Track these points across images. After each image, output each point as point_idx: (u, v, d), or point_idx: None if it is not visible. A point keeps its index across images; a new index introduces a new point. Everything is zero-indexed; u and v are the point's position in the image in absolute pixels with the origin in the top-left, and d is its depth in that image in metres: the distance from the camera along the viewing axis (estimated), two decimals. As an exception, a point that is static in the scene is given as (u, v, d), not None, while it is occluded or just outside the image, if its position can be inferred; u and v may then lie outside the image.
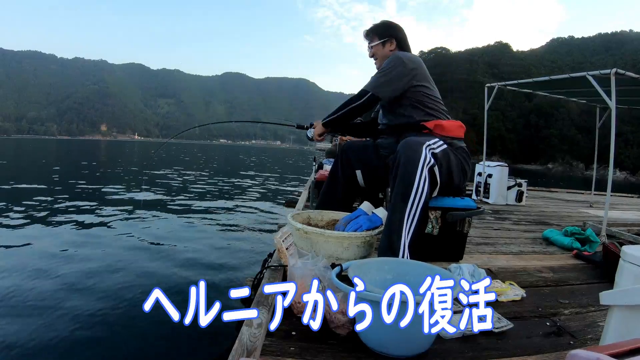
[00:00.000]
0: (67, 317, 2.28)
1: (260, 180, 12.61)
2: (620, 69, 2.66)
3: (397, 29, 1.81)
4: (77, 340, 2.05)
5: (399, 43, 1.80)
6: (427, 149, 1.44)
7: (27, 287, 2.68)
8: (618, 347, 0.44)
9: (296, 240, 1.44)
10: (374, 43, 1.82)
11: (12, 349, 1.91)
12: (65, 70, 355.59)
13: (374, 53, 1.83)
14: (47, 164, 16.02)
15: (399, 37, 1.81)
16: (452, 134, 1.64)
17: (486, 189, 4.63)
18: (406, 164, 1.41)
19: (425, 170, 1.42)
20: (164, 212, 6.00)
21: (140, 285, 2.83)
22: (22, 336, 2.03)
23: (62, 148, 36.35)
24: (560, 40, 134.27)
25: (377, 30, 1.82)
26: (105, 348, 2.02)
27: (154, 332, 2.16)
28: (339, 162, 1.92)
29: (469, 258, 1.85)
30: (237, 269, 3.36)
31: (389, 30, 1.81)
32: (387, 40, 1.80)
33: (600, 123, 4.75)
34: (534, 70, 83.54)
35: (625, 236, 2.65)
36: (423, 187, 1.41)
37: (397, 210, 1.41)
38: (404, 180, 1.41)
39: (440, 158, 1.49)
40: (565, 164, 68.38)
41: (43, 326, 2.15)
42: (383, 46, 1.80)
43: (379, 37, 1.81)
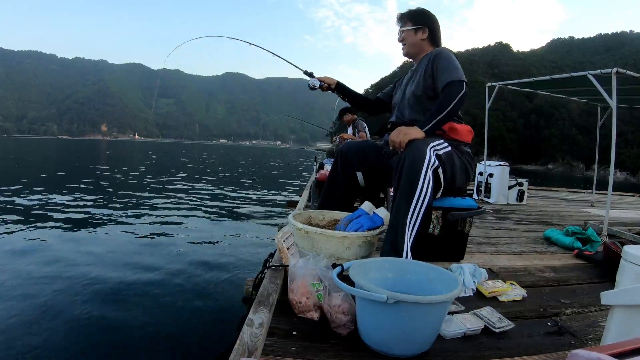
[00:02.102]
0: (67, 318, 2.28)
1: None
2: (620, 69, 2.66)
3: (433, 20, 1.77)
4: (77, 340, 2.05)
5: (431, 34, 1.75)
6: (432, 151, 1.43)
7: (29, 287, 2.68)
8: (619, 347, 0.43)
9: (297, 240, 1.44)
10: (407, 28, 1.75)
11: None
12: (66, 70, 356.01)
13: (404, 38, 1.78)
14: (53, 165, 16.04)
15: (432, 27, 1.75)
16: (461, 138, 1.63)
17: (487, 188, 4.63)
18: (411, 165, 1.40)
19: (430, 171, 1.41)
20: (163, 211, 6.00)
21: (141, 286, 2.83)
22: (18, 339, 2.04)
23: (63, 147, 36.39)
24: (561, 41, 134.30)
25: (411, 16, 1.76)
26: (105, 348, 2.02)
27: (155, 332, 2.16)
28: (337, 163, 1.91)
29: (470, 258, 1.85)
30: (237, 269, 3.36)
31: (424, 18, 1.76)
32: (420, 28, 1.74)
33: (601, 122, 4.75)
34: (534, 71, 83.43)
35: (627, 236, 2.65)
36: (427, 188, 1.40)
37: (401, 210, 1.40)
38: (409, 181, 1.40)
39: (445, 160, 1.48)
40: (566, 165, 68.27)
41: (39, 325, 2.16)
42: (415, 33, 1.74)
43: (412, 23, 1.75)
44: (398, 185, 1.44)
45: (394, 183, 1.47)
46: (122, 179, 10.80)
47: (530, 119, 78.67)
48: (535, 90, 4.64)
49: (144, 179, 11.26)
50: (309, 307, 1.07)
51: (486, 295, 1.33)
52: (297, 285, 1.09)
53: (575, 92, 4.31)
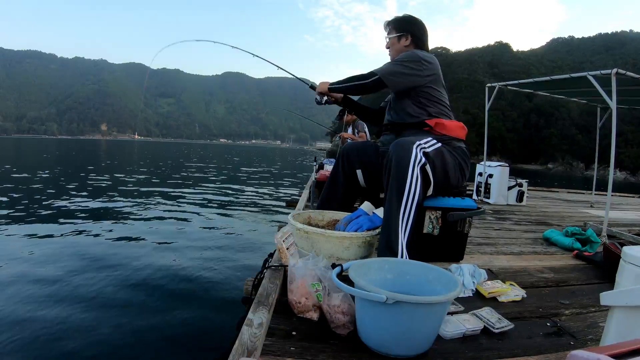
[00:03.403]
0: (67, 318, 2.28)
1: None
2: (620, 69, 2.66)
3: (416, 26, 1.80)
4: (77, 340, 2.05)
5: (415, 40, 1.79)
6: (418, 148, 1.45)
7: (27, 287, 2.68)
8: (618, 348, 0.44)
9: (297, 240, 1.44)
10: (391, 35, 1.81)
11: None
12: (66, 69, 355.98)
13: (389, 45, 1.84)
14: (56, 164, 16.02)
15: (415, 34, 1.79)
16: (451, 134, 1.64)
17: (487, 189, 4.63)
18: (398, 164, 1.42)
19: (417, 169, 1.43)
20: (163, 212, 6.00)
21: (140, 286, 2.83)
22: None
23: (62, 147, 36.40)
24: (561, 40, 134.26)
25: (395, 23, 1.82)
26: (106, 348, 2.02)
27: (155, 333, 2.16)
28: (339, 163, 1.93)
29: (470, 258, 1.85)
30: (237, 269, 3.36)
31: (407, 25, 1.80)
32: (403, 35, 1.79)
33: (601, 123, 4.75)
34: (534, 70, 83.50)
35: (626, 236, 2.65)
36: (415, 185, 1.42)
37: (393, 209, 1.42)
38: (397, 180, 1.42)
39: (433, 157, 1.50)
40: (566, 164, 68.27)
41: (39, 326, 2.16)
42: (398, 40, 1.79)
43: (396, 30, 1.80)
44: (387, 184, 1.46)
45: (384, 182, 1.49)
46: (121, 179, 10.80)
47: (530, 119, 78.68)
48: (535, 91, 4.64)
49: (143, 179, 11.26)
50: (308, 308, 1.07)
51: (485, 296, 1.33)
52: (296, 285, 1.09)
53: (575, 92, 4.31)
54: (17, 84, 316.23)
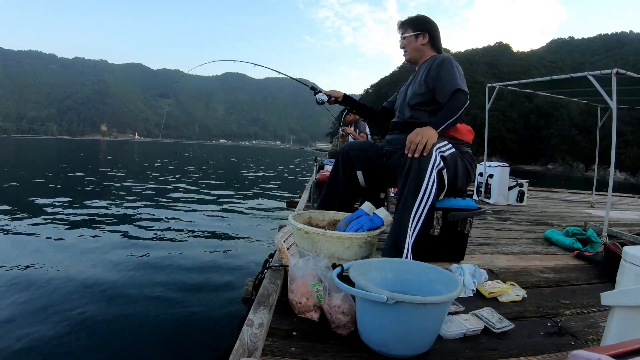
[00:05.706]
0: (66, 318, 2.28)
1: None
2: (620, 69, 2.66)
3: (432, 25, 1.81)
4: (77, 341, 2.05)
5: (432, 39, 1.80)
6: (437, 152, 1.44)
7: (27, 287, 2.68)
8: (619, 348, 0.44)
9: (297, 240, 1.44)
10: (407, 34, 1.81)
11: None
12: (66, 70, 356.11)
13: (406, 44, 1.83)
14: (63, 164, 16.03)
15: (432, 33, 1.80)
16: (463, 138, 1.65)
17: (487, 189, 4.63)
18: (417, 165, 1.41)
19: (435, 172, 1.42)
20: (162, 212, 6.00)
21: (140, 286, 2.83)
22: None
23: (62, 147, 36.41)
24: (561, 41, 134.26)
25: (412, 22, 1.81)
26: (106, 348, 2.02)
27: (155, 333, 2.16)
28: (339, 163, 1.92)
29: (470, 258, 1.85)
30: (237, 269, 3.36)
31: (424, 24, 1.81)
32: (421, 34, 1.79)
33: (601, 123, 4.75)
34: (534, 71, 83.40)
35: (627, 236, 2.65)
36: (431, 189, 1.41)
37: (406, 210, 1.41)
38: (415, 181, 1.41)
39: (449, 161, 1.50)
40: (566, 165, 68.21)
41: (37, 326, 2.16)
42: (416, 39, 1.79)
43: (413, 29, 1.80)
44: (404, 185, 1.44)
45: (399, 183, 1.48)
46: (120, 179, 10.80)
47: (530, 119, 78.64)
48: (535, 91, 4.64)
49: (142, 178, 11.26)
50: (309, 308, 1.07)
51: (486, 296, 1.33)
52: (297, 285, 1.09)
53: (575, 92, 4.31)
54: (17, 84, 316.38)
